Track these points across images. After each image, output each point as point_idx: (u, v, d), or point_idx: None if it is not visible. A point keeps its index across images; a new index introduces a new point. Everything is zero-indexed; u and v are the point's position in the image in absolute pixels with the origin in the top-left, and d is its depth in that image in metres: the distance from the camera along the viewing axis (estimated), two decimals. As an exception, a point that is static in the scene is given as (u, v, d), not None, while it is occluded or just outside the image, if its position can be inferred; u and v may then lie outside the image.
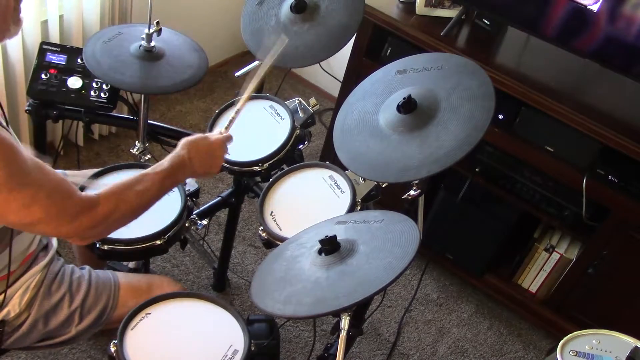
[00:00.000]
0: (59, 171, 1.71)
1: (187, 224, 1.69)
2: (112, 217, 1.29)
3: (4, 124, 1.24)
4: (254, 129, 1.82)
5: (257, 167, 1.73)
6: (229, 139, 1.56)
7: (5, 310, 1.43)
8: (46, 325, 1.48)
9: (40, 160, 1.22)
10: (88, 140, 2.73)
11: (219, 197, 2.04)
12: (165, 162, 1.41)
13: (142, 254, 1.64)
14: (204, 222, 1.77)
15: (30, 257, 1.46)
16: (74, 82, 1.99)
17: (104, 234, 1.37)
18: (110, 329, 1.54)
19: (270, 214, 1.65)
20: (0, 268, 1.38)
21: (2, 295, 1.40)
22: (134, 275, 1.71)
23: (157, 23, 1.82)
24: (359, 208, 1.61)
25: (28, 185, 1.17)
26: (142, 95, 1.94)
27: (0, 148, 1.13)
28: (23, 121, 2.35)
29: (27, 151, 1.21)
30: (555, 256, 2.36)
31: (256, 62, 1.93)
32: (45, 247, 1.52)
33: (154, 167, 1.40)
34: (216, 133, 1.57)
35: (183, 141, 1.47)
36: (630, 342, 1.42)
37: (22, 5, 1.26)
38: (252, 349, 1.37)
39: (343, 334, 1.22)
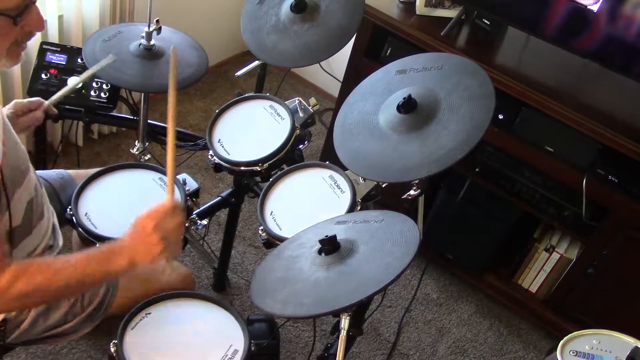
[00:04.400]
0: (60, 171, 1.72)
1: (187, 224, 1.69)
2: (12, 290, 1.19)
3: None
4: (254, 129, 1.82)
5: (257, 167, 1.73)
6: (164, 207, 1.28)
7: None
8: (47, 320, 1.48)
9: None
10: (88, 140, 2.73)
11: (219, 197, 2.04)
12: (102, 245, 1.31)
13: (142, 254, 1.64)
14: (204, 222, 1.77)
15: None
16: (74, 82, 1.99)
17: (6, 308, 1.28)
18: (112, 315, 1.53)
19: (270, 214, 1.65)
20: None
21: None
22: None
23: (157, 21, 1.82)
24: (359, 208, 1.61)
25: None
26: (142, 95, 1.94)
27: None
28: (23, 121, 2.34)
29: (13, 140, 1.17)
30: (555, 256, 2.36)
31: (256, 62, 1.94)
32: (51, 247, 1.52)
33: (89, 249, 1.31)
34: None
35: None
36: (630, 342, 1.42)
37: (27, 44, 1.22)
38: (252, 349, 1.37)
39: (343, 334, 1.22)
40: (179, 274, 1.62)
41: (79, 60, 2.01)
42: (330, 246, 1.24)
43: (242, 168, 1.75)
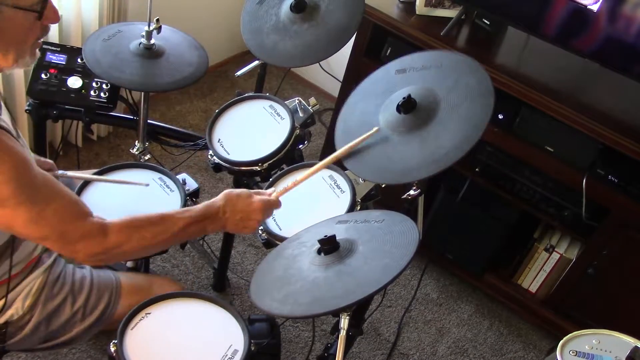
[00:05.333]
0: (60, 172, 1.72)
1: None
2: (120, 249, 1.28)
3: (15, 134, 1.24)
4: (254, 129, 1.82)
5: (257, 167, 1.73)
6: (274, 205, 1.47)
7: (8, 314, 1.43)
8: (48, 327, 1.48)
9: (53, 177, 1.22)
10: (88, 140, 2.73)
11: (219, 197, 2.04)
12: (199, 207, 1.39)
13: (141, 254, 1.64)
14: (204, 222, 1.77)
15: (35, 260, 1.46)
16: (74, 82, 1.99)
17: (109, 261, 1.34)
18: (110, 329, 1.54)
19: (270, 214, 1.65)
20: (2, 272, 1.38)
21: (4, 299, 1.40)
22: (135, 275, 1.71)
23: (157, 20, 1.82)
24: (358, 208, 1.61)
25: (36, 201, 1.18)
26: (142, 95, 1.94)
27: (11, 161, 1.14)
28: (22, 121, 2.35)
29: (38, 167, 1.21)
30: (555, 256, 2.36)
31: (256, 62, 1.94)
32: (48, 249, 1.52)
33: (186, 210, 1.38)
34: (268, 192, 1.49)
35: (226, 192, 1.43)
36: (630, 342, 1.42)
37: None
38: (252, 348, 1.37)
39: (342, 333, 1.23)
40: (176, 289, 1.62)
41: (79, 60, 2.01)
42: (329, 246, 1.24)
43: (242, 168, 1.75)
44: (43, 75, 1.97)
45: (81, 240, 1.24)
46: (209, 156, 1.78)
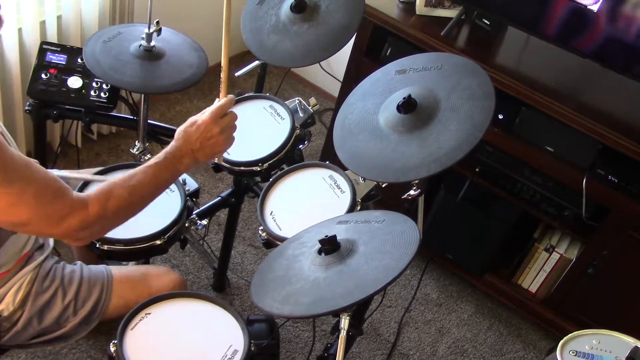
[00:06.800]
0: (57, 171, 1.72)
1: (187, 224, 1.69)
2: (104, 215, 1.26)
3: None
4: (254, 129, 1.82)
5: (257, 167, 1.73)
6: (224, 106, 1.41)
7: None
8: (41, 322, 1.48)
9: (30, 159, 1.21)
10: (88, 140, 2.73)
11: (219, 197, 2.04)
12: (161, 154, 1.38)
13: (142, 254, 1.64)
14: (204, 222, 1.77)
15: (25, 257, 1.46)
16: (74, 82, 1.99)
17: (100, 233, 1.33)
18: (106, 321, 1.53)
19: (270, 214, 1.65)
20: None
21: None
22: (128, 267, 1.70)
23: (157, 23, 1.82)
24: (358, 208, 1.61)
25: (15, 183, 1.15)
26: (142, 95, 1.94)
27: None
28: (20, 121, 2.35)
29: (15, 148, 1.19)
30: (555, 256, 2.36)
31: (256, 62, 1.94)
32: (41, 247, 1.52)
33: (150, 161, 1.37)
34: (210, 108, 1.43)
35: (176, 133, 1.40)
36: (630, 342, 1.42)
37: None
38: (252, 349, 1.37)
39: (343, 334, 1.23)
40: (171, 279, 1.62)
41: (79, 60, 2.01)
42: (329, 246, 1.24)
43: (242, 168, 1.75)
44: (43, 75, 1.97)
45: (65, 218, 1.21)
46: (209, 156, 1.77)
